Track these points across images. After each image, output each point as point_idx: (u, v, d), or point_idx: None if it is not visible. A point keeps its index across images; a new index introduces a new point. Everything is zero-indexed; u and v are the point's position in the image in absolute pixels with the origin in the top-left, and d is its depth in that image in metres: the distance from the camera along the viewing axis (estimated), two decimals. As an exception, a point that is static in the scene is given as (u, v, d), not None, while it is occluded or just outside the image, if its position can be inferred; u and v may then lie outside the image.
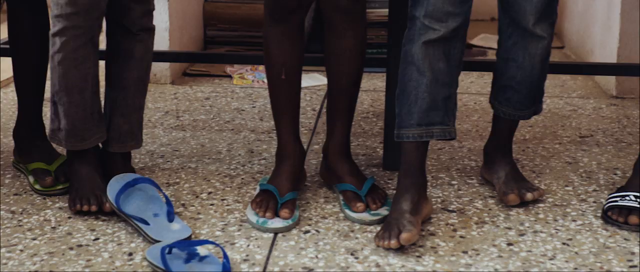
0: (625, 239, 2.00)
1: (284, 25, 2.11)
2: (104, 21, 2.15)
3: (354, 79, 2.19)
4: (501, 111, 2.26)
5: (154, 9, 2.23)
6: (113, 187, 2.08)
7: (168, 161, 2.48)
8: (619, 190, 2.16)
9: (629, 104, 3.10)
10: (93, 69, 2.13)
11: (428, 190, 2.24)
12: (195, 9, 3.74)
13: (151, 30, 2.23)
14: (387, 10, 3.61)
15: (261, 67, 3.49)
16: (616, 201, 2.11)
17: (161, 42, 3.27)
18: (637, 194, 2.11)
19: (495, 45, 4.02)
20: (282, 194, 2.10)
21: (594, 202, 2.20)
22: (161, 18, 3.26)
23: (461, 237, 2.01)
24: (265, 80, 3.44)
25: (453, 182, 2.34)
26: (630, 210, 2.07)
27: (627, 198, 2.10)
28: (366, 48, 2.19)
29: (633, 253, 1.93)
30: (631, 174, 2.21)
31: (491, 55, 3.85)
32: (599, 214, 2.12)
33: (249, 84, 3.37)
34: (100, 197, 2.09)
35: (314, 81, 3.40)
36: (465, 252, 1.93)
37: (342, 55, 2.15)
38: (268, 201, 2.09)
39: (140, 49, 2.20)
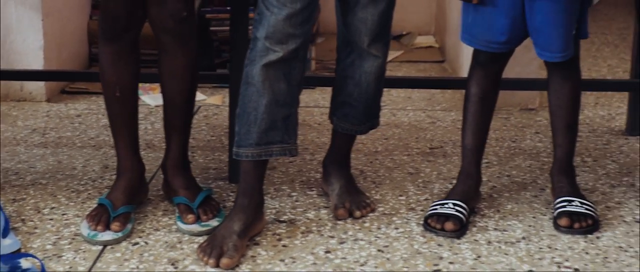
0: (438, 245, 2.11)
1: (117, 44, 2.18)
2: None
3: (187, 96, 2.27)
4: (340, 126, 2.36)
5: None
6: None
7: (21, 178, 2.54)
8: (442, 199, 2.27)
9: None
10: None
11: (266, 202, 2.33)
12: (77, 25, 3.79)
13: None
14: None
15: (141, 85, 3.55)
16: (436, 209, 2.22)
17: (35, 60, 3.32)
18: (456, 201, 2.23)
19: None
20: (115, 207, 2.17)
21: (422, 210, 2.31)
22: (35, 37, 3.32)
23: (284, 246, 2.10)
24: (141, 97, 3.52)
25: (293, 193, 2.43)
26: (447, 217, 2.18)
27: (446, 206, 2.22)
28: (197, 67, 2.27)
29: (441, 258, 2.04)
30: (455, 183, 2.33)
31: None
32: (422, 222, 2.23)
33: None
34: None
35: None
36: (282, 260, 2.02)
37: (174, 74, 2.23)
38: (101, 215, 2.16)
39: None
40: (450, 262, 2.02)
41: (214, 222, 2.18)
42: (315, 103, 3.40)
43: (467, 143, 2.32)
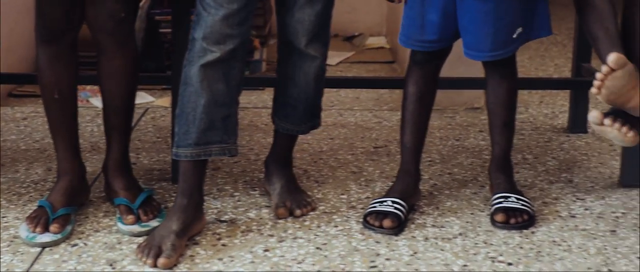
0: (376, 242, 2.14)
1: (56, 45, 2.18)
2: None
3: (127, 98, 2.27)
4: (281, 126, 2.38)
5: None
6: None
7: (-38, 181, 2.53)
8: (382, 197, 2.30)
9: (433, 116, 3.26)
10: None
11: (208, 202, 2.35)
12: (25, 28, 3.77)
13: None
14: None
15: (89, 87, 3.55)
16: (375, 207, 2.25)
17: (-20, 63, 3.30)
18: (395, 199, 2.25)
19: (331, 62, 4.20)
20: (55, 209, 2.17)
21: (362, 209, 2.33)
22: (-20, 40, 3.29)
23: (223, 245, 2.12)
24: (89, 100, 3.52)
25: (236, 193, 2.45)
26: (386, 214, 2.21)
27: (385, 203, 2.25)
28: (138, 68, 2.28)
29: (378, 254, 2.07)
30: (394, 181, 2.36)
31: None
32: (361, 220, 2.25)
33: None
34: None
35: (139, 99, 3.47)
36: (220, 259, 2.04)
37: (113, 76, 2.24)
38: (41, 217, 2.16)
39: None
40: (387, 259, 2.05)
41: (155, 223, 2.18)
42: (264, 104, 3.41)
43: (405, 141, 2.35)
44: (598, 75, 1.98)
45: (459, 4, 2.19)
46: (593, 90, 2.00)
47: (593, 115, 2.00)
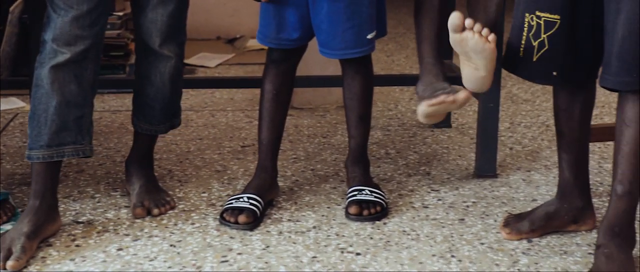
0: (231, 237, 2.18)
1: None
2: None
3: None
4: (139, 127, 2.40)
5: None
6: None
7: None
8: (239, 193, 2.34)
9: (304, 114, 3.32)
10: None
11: (66, 204, 2.34)
12: None
13: None
14: (118, 31, 3.72)
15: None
16: (231, 203, 2.28)
17: None
18: (250, 195, 2.29)
19: (210, 64, 4.22)
20: None
21: (221, 206, 2.37)
22: None
23: (77, 246, 2.12)
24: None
25: (97, 195, 2.45)
26: (241, 210, 2.25)
27: (241, 200, 2.28)
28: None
29: (231, 249, 2.11)
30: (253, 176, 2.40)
31: (201, 74, 4.01)
32: (218, 217, 2.28)
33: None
34: None
35: (9, 105, 3.44)
36: (72, 260, 2.04)
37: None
38: None
39: None
40: (239, 253, 2.08)
41: (8, 226, 2.17)
42: (137, 107, 3.41)
43: (263, 138, 2.40)
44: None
45: (311, 3, 2.25)
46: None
47: (454, 16, 2.00)
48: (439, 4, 2.25)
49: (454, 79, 2.33)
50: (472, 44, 2.01)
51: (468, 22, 2.00)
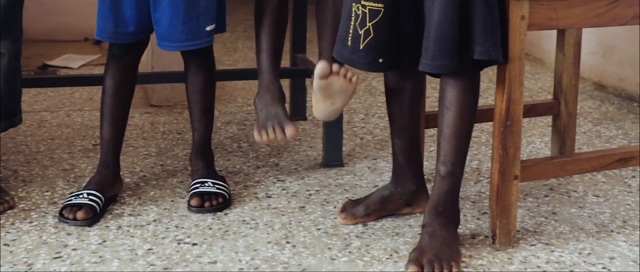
0: (68, 234, 2.17)
1: None
2: None
3: None
4: None
5: None
6: None
7: None
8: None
9: (162, 112, 3.31)
10: None
11: None
12: None
13: None
14: None
15: None
16: (70, 200, 2.27)
17: None
18: (90, 191, 2.29)
19: (74, 65, 4.16)
20: None
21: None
22: None
23: None
24: None
25: None
26: (80, 206, 2.24)
27: (81, 196, 2.27)
28: None
29: (66, 246, 2.10)
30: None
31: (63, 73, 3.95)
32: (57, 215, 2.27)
33: None
34: None
35: None
36: None
37: None
38: None
39: None
40: (74, 249, 2.08)
41: None
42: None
43: (104, 134, 2.39)
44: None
45: None
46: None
47: (321, 66, 2.06)
48: (278, 15, 2.31)
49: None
50: (337, 87, 2.10)
51: (335, 67, 2.08)
